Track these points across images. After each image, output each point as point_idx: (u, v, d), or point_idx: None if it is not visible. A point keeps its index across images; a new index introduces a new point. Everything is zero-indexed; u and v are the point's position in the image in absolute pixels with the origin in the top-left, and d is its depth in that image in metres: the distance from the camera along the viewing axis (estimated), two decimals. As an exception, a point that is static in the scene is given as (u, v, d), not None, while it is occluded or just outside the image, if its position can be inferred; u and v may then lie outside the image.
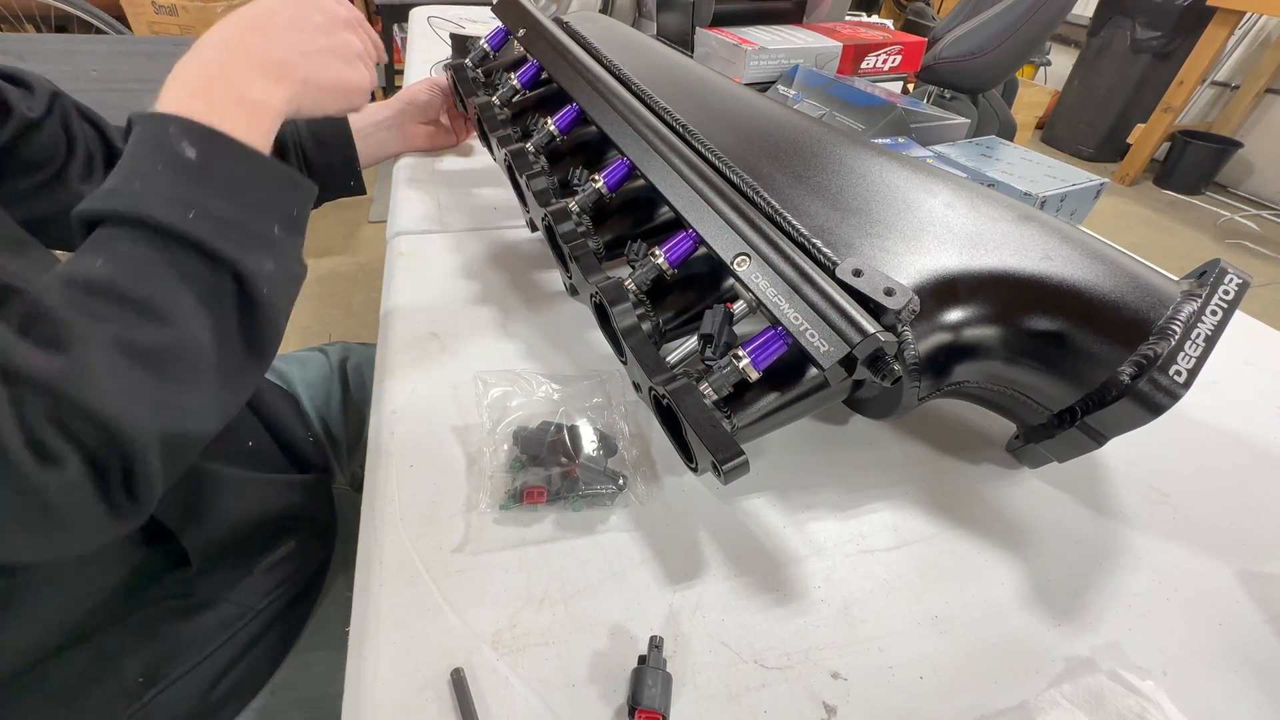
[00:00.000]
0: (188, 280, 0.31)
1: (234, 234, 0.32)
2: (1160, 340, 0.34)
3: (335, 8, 0.43)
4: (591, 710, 0.31)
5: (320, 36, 0.41)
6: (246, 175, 0.34)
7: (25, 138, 0.47)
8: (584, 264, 0.46)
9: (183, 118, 0.33)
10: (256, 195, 0.34)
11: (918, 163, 0.45)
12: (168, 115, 0.33)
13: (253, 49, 0.38)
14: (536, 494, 0.39)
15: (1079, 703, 0.31)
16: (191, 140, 0.33)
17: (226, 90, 0.36)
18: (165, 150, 0.32)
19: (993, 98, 1.85)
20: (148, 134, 0.33)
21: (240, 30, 0.38)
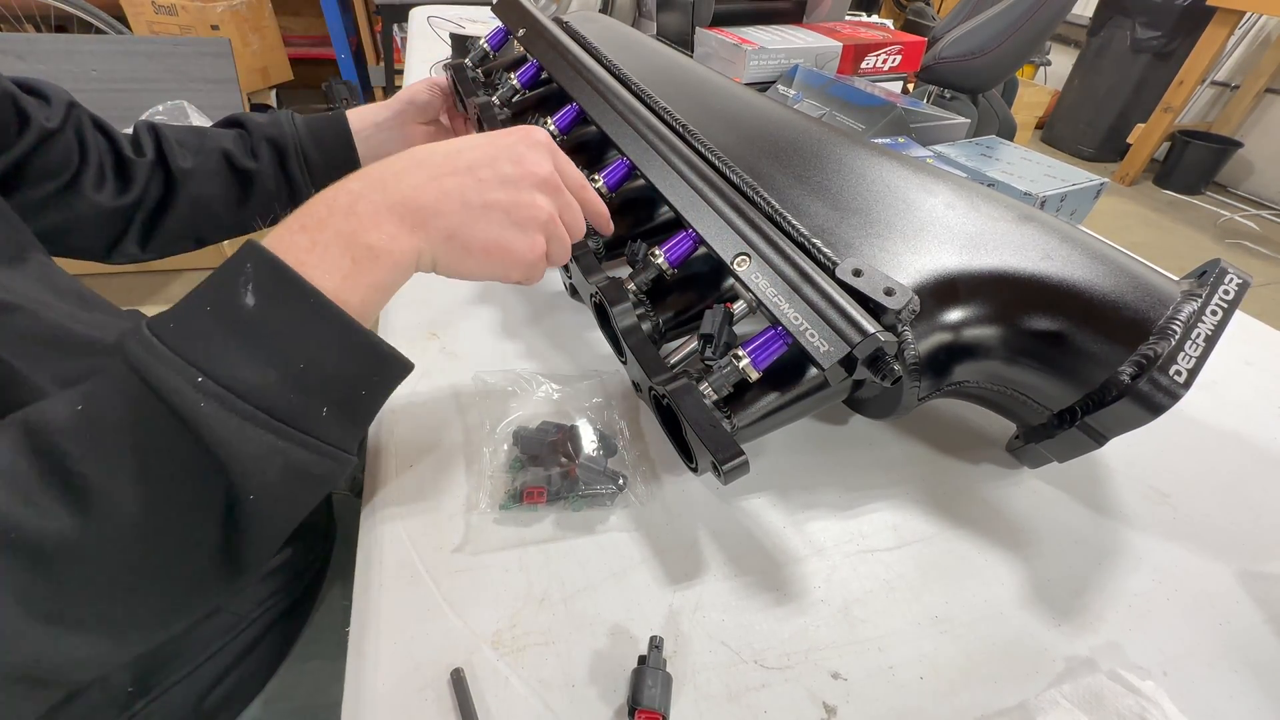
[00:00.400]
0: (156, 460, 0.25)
1: (246, 416, 0.26)
2: (1160, 340, 0.34)
3: (537, 164, 0.35)
4: (591, 710, 0.31)
5: (498, 189, 0.34)
6: (308, 338, 0.28)
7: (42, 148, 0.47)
8: (584, 264, 0.46)
9: (266, 255, 0.27)
10: (312, 367, 0.28)
11: (918, 163, 0.45)
12: (256, 249, 0.28)
13: (403, 186, 0.32)
14: (536, 494, 0.39)
15: (1079, 703, 0.31)
16: (258, 283, 0.27)
17: (341, 228, 0.29)
18: (225, 290, 0.27)
19: (993, 98, 1.85)
20: (230, 266, 0.28)
21: (407, 164, 0.33)
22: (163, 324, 0.27)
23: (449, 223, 0.33)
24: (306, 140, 0.61)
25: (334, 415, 0.29)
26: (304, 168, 0.60)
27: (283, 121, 0.60)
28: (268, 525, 0.28)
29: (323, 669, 0.50)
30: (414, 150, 0.34)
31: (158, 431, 0.25)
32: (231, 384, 0.26)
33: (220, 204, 0.57)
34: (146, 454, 0.25)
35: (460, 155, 0.34)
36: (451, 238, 0.33)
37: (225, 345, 0.26)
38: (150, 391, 0.25)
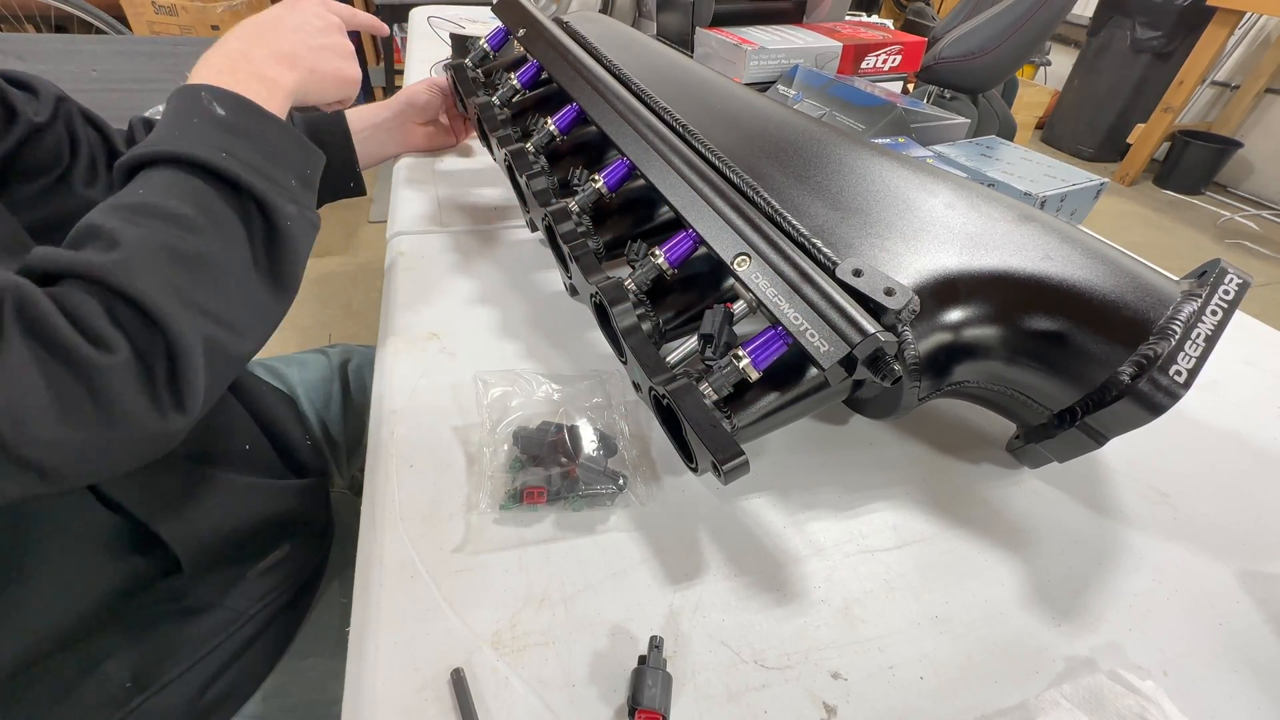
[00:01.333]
0: (221, 206, 0.36)
1: (260, 175, 0.37)
2: (1160, 340, 0.34)
3: (329, 15, 0.51)
4: (591, 710, 0.31)
5: (320, 36, 0.49)
6: (267, 134, 0.40)
7: (30, 142, 0.47)
8: (584, 264, 0.46)
9: (214, 85, 0.39)
10: (277, 151, 0.40)
11: (918, 163, 0.45)
12: (200, 84, 0.39)
13: (268, 42, 0.45)
14: (536, 494, 0.39)
15: (1079, 703, 0.31)
16: (221, 103, 0.38)
17: (248, 70, 0.42)
18: (199, 109, 0.38)
19: (993, 98, 1.85)
20: (183, 99, 0.38)
21: (257, 29, 0.46)
22: (170, 133, 0.36)
23: (306, 62, 0.47)
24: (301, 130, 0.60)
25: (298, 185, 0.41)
26: None
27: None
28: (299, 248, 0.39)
29: (320, 666, 0.50)
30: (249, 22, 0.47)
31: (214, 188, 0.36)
32: (241, 157, 0.37)
33: None
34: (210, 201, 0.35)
35: (285, 20, 0.48)
36: (312, 71, 0.47)
37: (222, 137, 0.37)
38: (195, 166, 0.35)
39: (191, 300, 0.32)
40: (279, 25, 0.47)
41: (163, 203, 0.34)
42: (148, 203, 0.34)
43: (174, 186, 0.35)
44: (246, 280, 0.36)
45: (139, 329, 0.30)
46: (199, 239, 0.34)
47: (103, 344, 0.29)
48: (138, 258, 0.31)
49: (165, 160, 0.35)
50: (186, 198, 0.35)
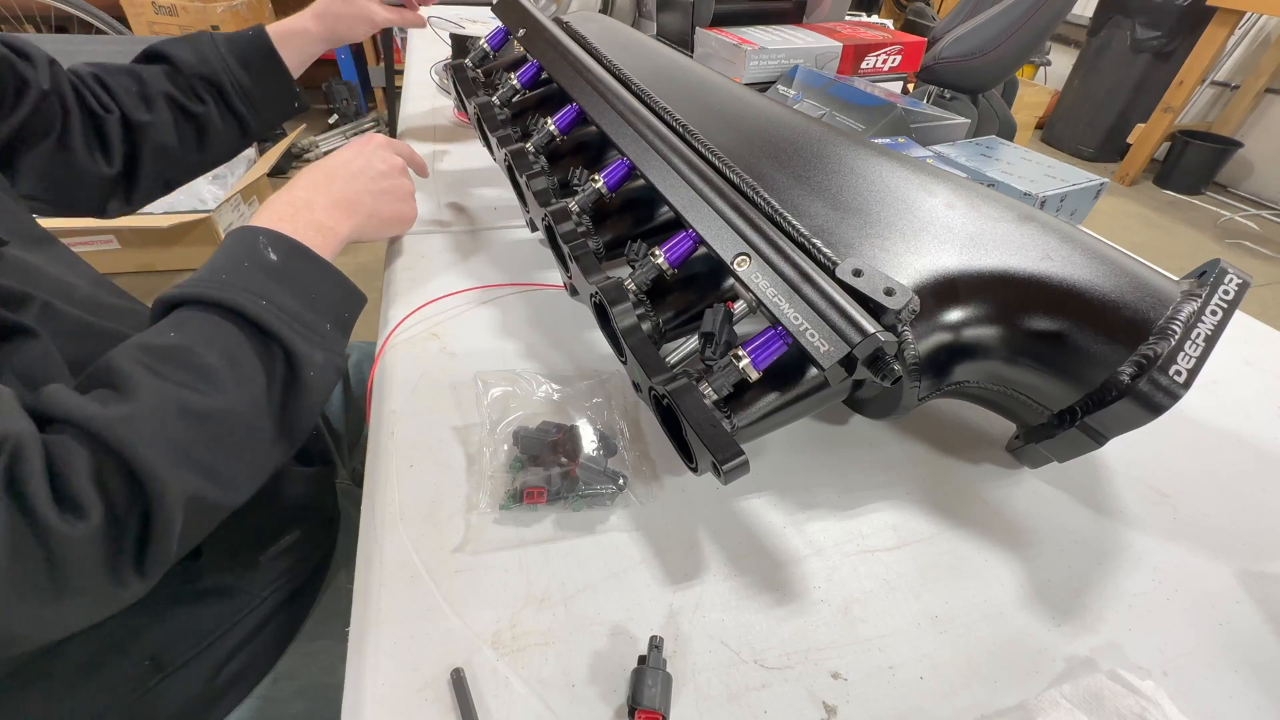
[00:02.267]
0: (249, 355, 0.36)
1: (295, 324, 0.38)
2: (1160, 340, 0.34)
3: (393, 159, 0.55)
4: (591, 710, 0.31)
5: (381, 180, 0.53)
6: (314, 279, 0.42)
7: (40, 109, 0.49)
8: (584, 264, 0.46)
9: (272, 230, 0.42)
10: (319, 297, 0.41)
11: (918, 163, 0.45)
12: (259, 228, 0.42)
13: (331, 190, 0.49)
14: (536, 494, 0.39)
15: (1079, 703, 0.31)
16: (275, 248, 0.41)
17: (308, 218, 0.45)
18: (253, 253, 0.40)
19: (993, 98, 1.85)
20: (240, 241, 0.41)
21: (324, 176, 0.50)
22: (214, 275, 0.38)
23: (367, 208, 0.51)
24: (239, 72, 0.62)
25: (333, 330, 0.42)
26: (245, 100, 0.63)
27: (210, 56, 0.61)
28: (317, 396, 0.39)
29: (330, 649, 0.51)
30: (319, 166, 0.50)
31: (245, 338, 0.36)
32: (280, 307, 0.38)
33: (180, 151, 0.61)
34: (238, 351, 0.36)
35: (351, 164, 0.52)
36: (371, 215, 0.51)
37: (267, 283, 0.39)
38: (231, 311, 0.36)
39: (189, 458, 0.32)
40: (344, 171, 0.51)
41: (190, 350, 0.34)
42: (175, 349, 0.34)
43: (206, 332, 0.35)
44: (255, 435, 0.36)
45: (121, 491, 0.30)
46: (217, 394, 0.34)
47: (76, 509, 0.28)
48: (145, 414, 0.31)
49: (206, 303, 0.36)
50: (215, 345, 0.35)
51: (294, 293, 0.39)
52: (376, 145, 0.54)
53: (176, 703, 0.44)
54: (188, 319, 0.36)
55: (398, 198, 0.54)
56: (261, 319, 0.36)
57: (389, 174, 0.53)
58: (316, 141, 2.58)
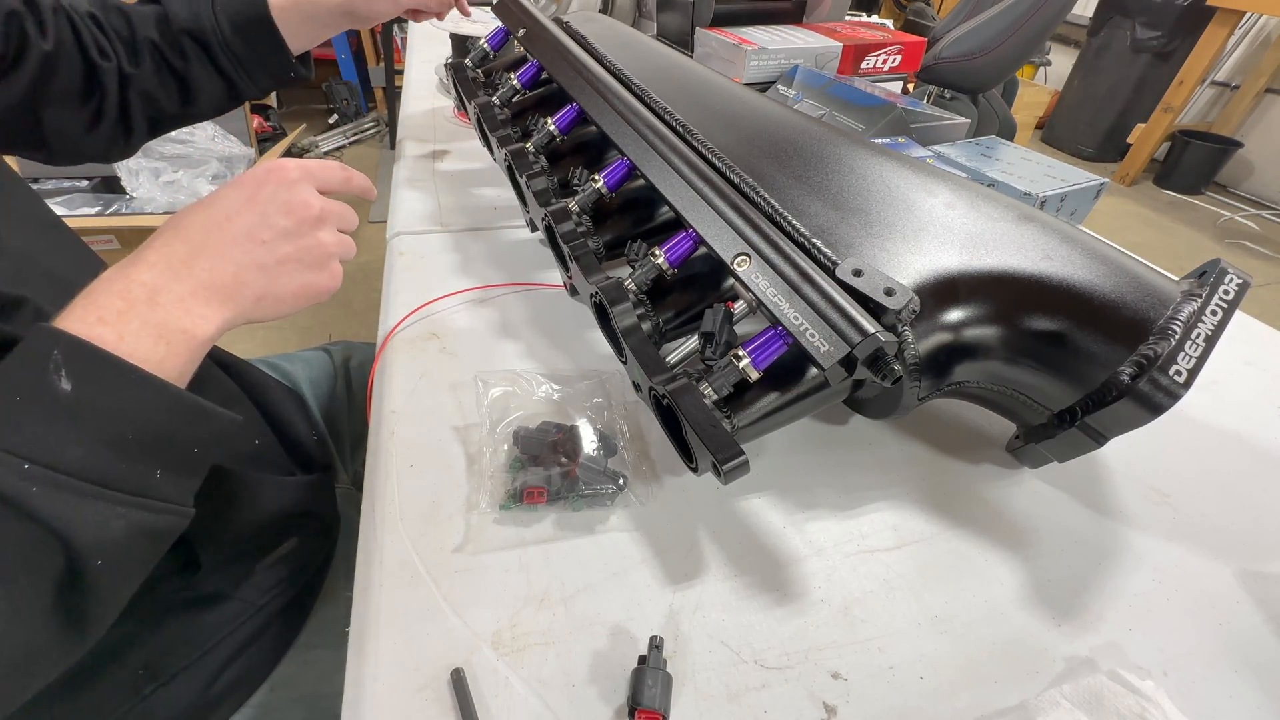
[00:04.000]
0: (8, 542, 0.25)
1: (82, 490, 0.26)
2: (1160, 340, 0.34)
3: (304, 206, 0.37)
4: (591, 710, 0.31)
5: (283, 244, 0.36)
6: (134, 413, 0.28)
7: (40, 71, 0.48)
8: (584, 264, 0.46)
9: (73, 341, 0.28)
10: (140, 436, 0.28)
11: (918, 163, 0.45)
12: (58, 334, 0.28)
13: (197, 272, 0.33)
14: (536, 494, 0.39)
15: (1079, 703, 0.31)
16: (71, 371, 0.27)
17: (148, 319, 0.30)
18: (37, 379, 0.27)
19: (993, 98, 1.85)
20: (25, 358, 0.27)
21: (187, 247, 0.33)
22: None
23: (255, 290, 0.34)
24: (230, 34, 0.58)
25: (167, 475, 0.30)
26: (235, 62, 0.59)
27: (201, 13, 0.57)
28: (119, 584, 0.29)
29: (327, 658, 0.50)
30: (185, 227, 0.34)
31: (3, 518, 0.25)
32: (59, 465, 0.26)
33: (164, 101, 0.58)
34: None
35: (233, 224, 0.34)
36: (261, 299, 0.35)
37: (47, 429, 0.26)
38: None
39: None
40: (221, 237, 0.34)
41: None
42: None
43: None
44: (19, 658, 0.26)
45: None
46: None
47: None
48: None
49: None
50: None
51: (92, 437, 0.27)
52: (279, 183, 0.36)
53: (171, 712, 0.43)
54: None
55: (307, 264, 0.37)
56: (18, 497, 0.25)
57: (296, 231, 0.36)
58: (317, 141, 2.58)
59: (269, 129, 2.50)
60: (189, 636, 0.45)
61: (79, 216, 1.61)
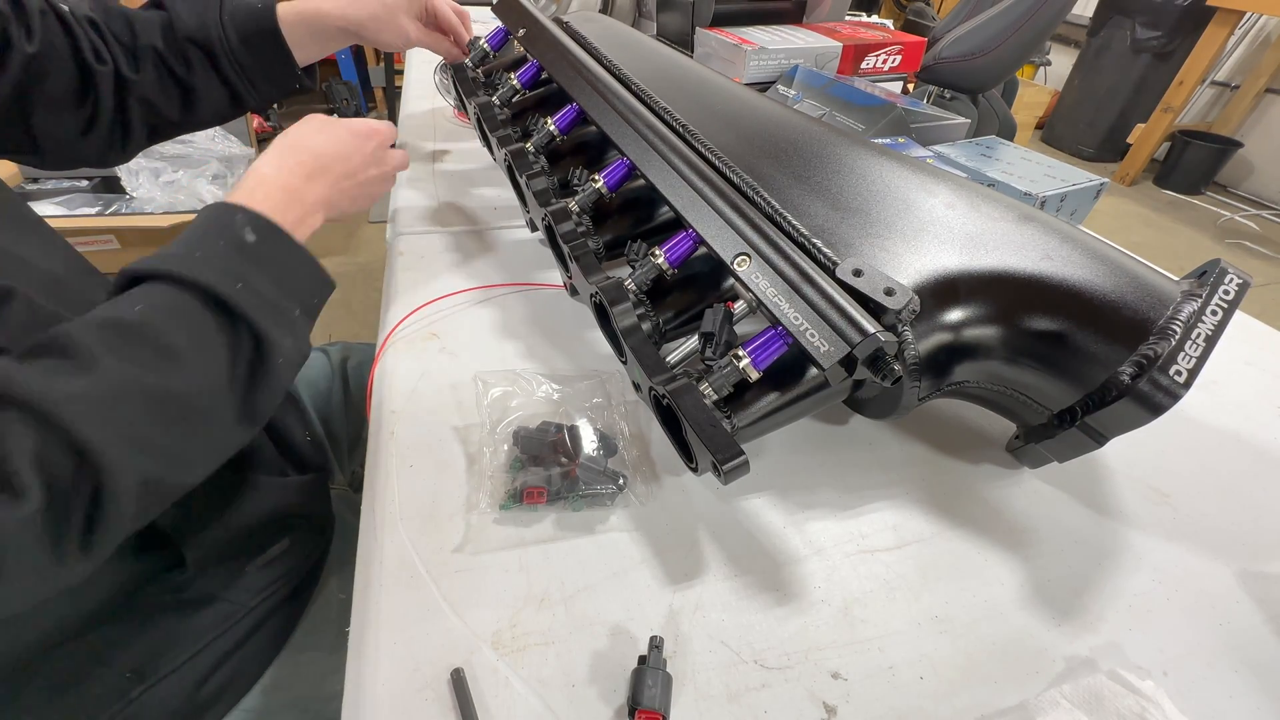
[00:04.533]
0: (216, 337, 0.35)
1: (266, 308, 0.37)
2: (1160, 340, 0.34)
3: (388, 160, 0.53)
4: (591, 710, 0.31)
5: (372, 185, 0.52)
6: (289, 264, 0.40)
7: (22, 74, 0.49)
8: (584, 264, 0.46)
9: (249, 211, 0.39)
10: (291, 282, 0.40)
11: (918, 163, 0.45)
12: (237, 206, 0.39)
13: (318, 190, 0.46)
14: (536, 494, 0.39)
15: (1079, 703, 0.31)
16: (254, 228, 0.39)
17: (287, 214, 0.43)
18: (229, 232, 0.38)
19: (993, 98, 1.85)
20: (216, 217, 0.39)
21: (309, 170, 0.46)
22: (189, 252, 0.36)
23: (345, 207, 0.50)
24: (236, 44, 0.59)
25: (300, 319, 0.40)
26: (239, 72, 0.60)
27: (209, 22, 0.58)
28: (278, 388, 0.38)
29: (320, 661, 0.50)
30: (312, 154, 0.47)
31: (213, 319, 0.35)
32: (254, 288, 0.36)
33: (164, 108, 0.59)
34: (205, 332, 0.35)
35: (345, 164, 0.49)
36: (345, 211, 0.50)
37: (242, 265, 0.37)
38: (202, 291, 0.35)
39: (146, 441, 0.31)
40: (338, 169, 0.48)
41: (156, 329, 0.33)
42: (140, 325, 0.32)
43: (175, 311, 0.34)
44: (216, 418, 0.35)
45: (67, 472, 0.28)
46: (179, 376, 0.33)
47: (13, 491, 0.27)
48: (99, 394, 0.30)
49: (176, 280, 0.34)
50: (183, 325, 0.34)
51: (268, 275, 0.38)
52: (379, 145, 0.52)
53: (159, 714, 0.43)
54: (156, 295, 0.34)
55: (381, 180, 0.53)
56: (233, 301, 0.35)
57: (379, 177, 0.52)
58: (316, 141, 2.58)
59: (269, 129, 2.50)
60: (178, 639, 0.45)
61: (79, 216, 1.61)
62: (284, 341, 0.37)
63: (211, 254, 0.36)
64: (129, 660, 0.43)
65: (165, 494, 0.34)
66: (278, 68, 0.62)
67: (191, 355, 0.33)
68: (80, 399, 0.29)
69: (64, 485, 0.28)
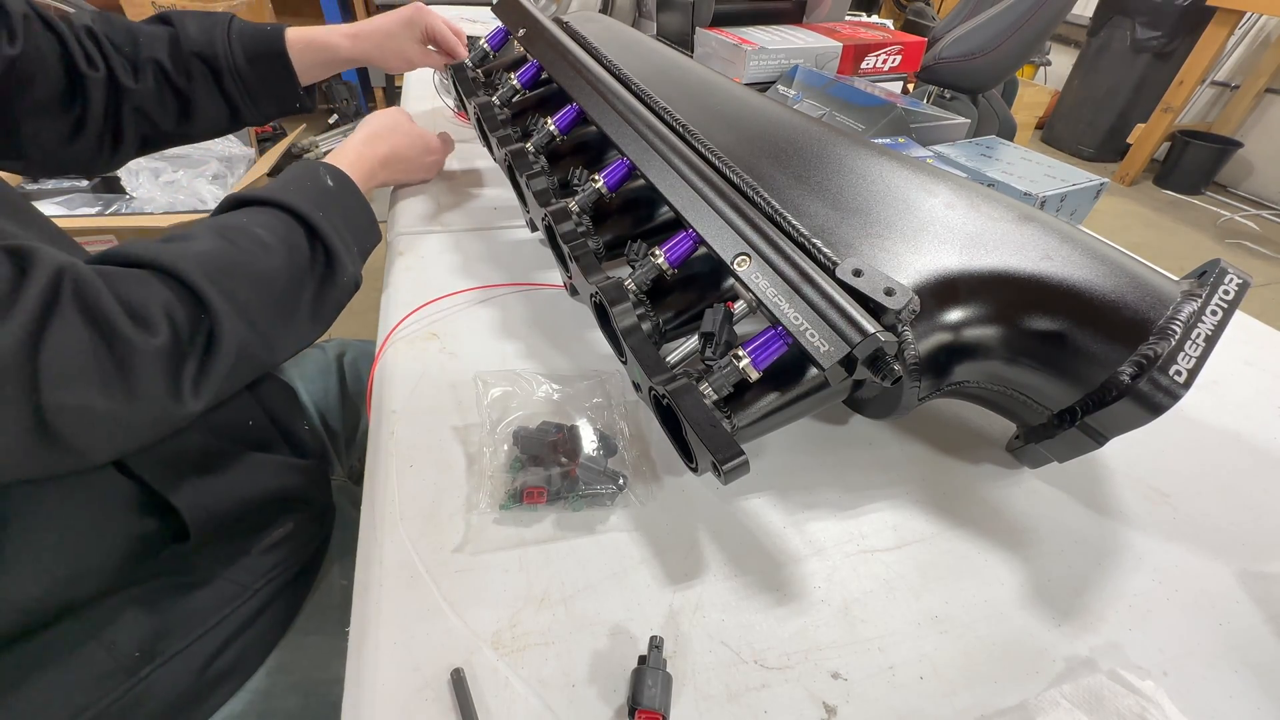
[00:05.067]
0: (302, 245, 0.45)
1: (338, 235, 0.47)
2: (1160, 340, 0.34)
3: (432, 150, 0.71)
4: (591, 710, 0.31)
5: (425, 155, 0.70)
6: (355, 209, 0.52)
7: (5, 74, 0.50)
8: (584, 264, 0.46)
9: (329, 165, 0.53)
10: (357, 223, 0.51)
11: (918, 163, 0.45)
12: (321, 161, 0.53)
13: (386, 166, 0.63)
14: (536, 494, 0.39)
15: (1079, 703, 0.31)
16: (332, 177, 0.52)
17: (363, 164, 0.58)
18: (314, 178, 0.50)
19: (993, 98, 1.84)
20: (305, 167, 0.51)
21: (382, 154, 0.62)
22: (285, 188, 0.47)
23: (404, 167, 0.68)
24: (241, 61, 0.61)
25: (359, 255, 0.51)
26: (242, 88, 0.63)
27: (216, 38, 0.61)
28: (342, 295, 0.48)
29: (323, 644, 0.50)
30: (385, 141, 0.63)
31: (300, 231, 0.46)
32: (331, 218, 0.47)
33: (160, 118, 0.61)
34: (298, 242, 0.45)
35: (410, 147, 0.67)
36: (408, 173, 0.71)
37: (322, 200, 0.48)
38: (292, 213, 0.46)
39: (245, 308, 0.39)
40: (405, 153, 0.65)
41: (256, 230, 0.42)
42: (244, 226, 0.42)
43: (271, 222, 0.44)
44: (296, 307, 0.44)
45: (188, 320, 0.36)
46: (272, 263, 0.42)
47: (147, 326, 0.34)
48: (215, 261, 0.38)
49: (273, 204, 0.45)
50: (277, 232, 0.44)
51: (341, 214, 0.49)
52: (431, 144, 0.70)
53: (167, 694, 0.44)
54: (257, 212, 0.45)
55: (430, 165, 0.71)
56: (314, 221, 0.45)
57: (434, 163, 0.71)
58: (316, 141, 2.58)
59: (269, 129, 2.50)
60: (184, 619, 0.45)
61: (79, 216, 1.61)
62: (346, 263, 0.47)
63: (300, 190, 0.47)
64: (135, 639, 0.43)
65: (254, 366, 0.41)
66: (281, 88, 0.66)
67: (281, 252, 0.43)
68: (200, 258, 0.37)
69: (184, 329, 0.36)
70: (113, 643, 0.43)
